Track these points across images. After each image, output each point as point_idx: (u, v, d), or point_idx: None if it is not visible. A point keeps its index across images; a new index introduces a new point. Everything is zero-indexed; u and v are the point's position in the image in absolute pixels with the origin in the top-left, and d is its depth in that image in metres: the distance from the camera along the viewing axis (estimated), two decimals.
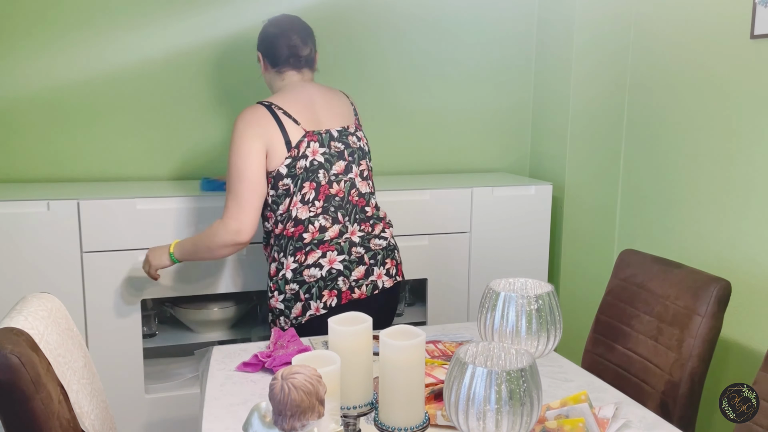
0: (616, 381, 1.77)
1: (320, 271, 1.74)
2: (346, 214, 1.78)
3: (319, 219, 1.74)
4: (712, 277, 1.62)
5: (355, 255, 1.77)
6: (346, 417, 1.13)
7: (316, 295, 1.74)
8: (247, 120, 1.72)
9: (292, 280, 1.74)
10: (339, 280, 1.75)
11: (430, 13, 2.61)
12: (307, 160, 1.73)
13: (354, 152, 1.82)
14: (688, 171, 2.23)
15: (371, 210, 1.84)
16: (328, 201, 1.75)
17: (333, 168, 1.77)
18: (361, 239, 1.79)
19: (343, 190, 1.78)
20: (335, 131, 1.79)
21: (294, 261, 1.74)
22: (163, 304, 2.32)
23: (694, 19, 2.17)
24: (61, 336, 1.30)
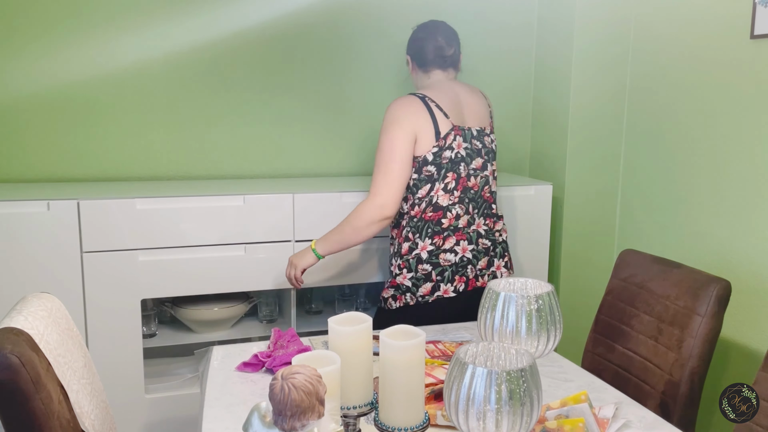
0: (616, 381, 1.77)
1: (455, 257, 1.89)
2: (476, 207, 1.93)
3: (456, 207, 1.89)
4: (712, 277, 1.62)
5: (481, 246, 1.93)
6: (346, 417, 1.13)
7: (449, 279, 1.88)
8: (402, 106, 1.87)
9: (426, 261, 1.88)
10: (468, 267, 1.90)
11: (430, 14, 2.61)
12: (453, 152, 1.87)
13: (489, 152, 1.97)
14: (688, 171, 2.23)
15: (496, 207, 2.00)
16: (465, 192, 1.90)
17: (472, 163, 1.91)
18: (486, 232, 1.95)
19: (478, 184, 1.93)
20: (475, 130, 1.94)
21: (431, 243, 1.88)
22: (163, 304, 2.32)
23: (694, 19, 2.17)
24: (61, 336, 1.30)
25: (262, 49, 2.45)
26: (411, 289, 1.89)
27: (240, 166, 2.50)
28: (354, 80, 2.57)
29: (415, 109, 1.86)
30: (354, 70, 2.56)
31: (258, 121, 2.49)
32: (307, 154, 2.57)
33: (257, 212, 2.13)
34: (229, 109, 2.45)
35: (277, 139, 2.52)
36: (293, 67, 2.49)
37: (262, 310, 2.40)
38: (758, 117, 1.95)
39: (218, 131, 2.46)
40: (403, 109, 1.86)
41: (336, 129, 2.58)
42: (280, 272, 2.18)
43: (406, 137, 1.84)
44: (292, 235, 2.18)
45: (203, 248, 2.10)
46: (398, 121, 1.85)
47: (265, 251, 2.16)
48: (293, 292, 2.24)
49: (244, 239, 2.14)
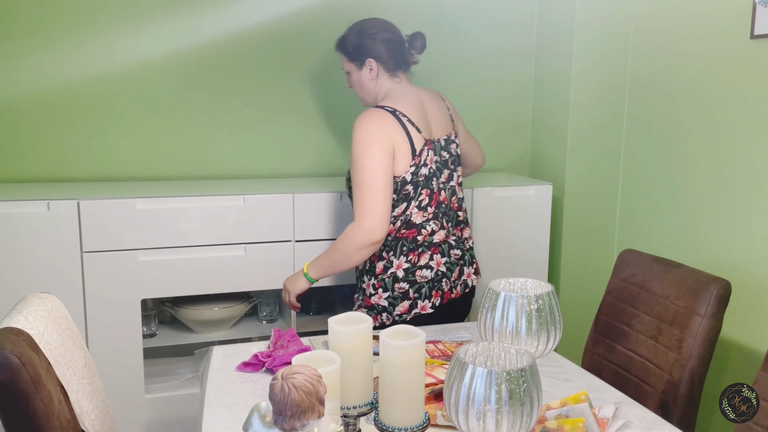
0: (616, 381, 1.77)
1: (430, 272, 1.82)
2: (449, 220, 1.88)
3: (430, 224, 1.83)
4: (712, 277, 1.62)
5: (453, 257, 1.87)
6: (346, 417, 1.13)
7: (425, 295, 1.82)
8: (376, 121, 1.74)
9: (402, 279, 1.81)
10: (443, 281, 1.84)
11: (430, 14, 2.61)
12: (427, 168, 1.81)
13: (454, 160, 1.91)
14: (688, 171, 2.23)
15: (463, 214, 1.95)
16: (438, 207, 1.85)
17: (441, 176, 1.85)
18: (456, 242, 1.89)
19: (447, 197, 1.87)
20: (443, 140, 1.88)
21: (406, 261, 1.81)
22: (163, 304, 2.32)
23: (694, 19, 2.17)
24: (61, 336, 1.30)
25: (262, 49, 2.45)
26: (387, 308, 1.81)
27: (240, 166, 2.50)
28: None
29: (389, 124, 1.74)
30: None
31: (258, 121, 2.49)
32: (307, 154, 2.57)
33: (257, 212, 2.13)
34: (229, 109, 2.45)
35: (277, 139, 2.52)
36: (293, 67, 2.49)
37: (262, 310, 2.40)
38: (758, 117, 1.95)
39: (218, 131, 2.46)
40: (377, 123, 1.74)
41: (336, 129, 2.58)
42: (280, 272, 2.18)
43: (386, 154, 1.72)
44: (292, 235, 2.18)
45: (203, 248, 2.10)
46: (375, 138, 1.72)
47: (265, 251, 2.16)
48: None
49: (244, 239, 2.14)
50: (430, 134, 1.84)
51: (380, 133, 1.73)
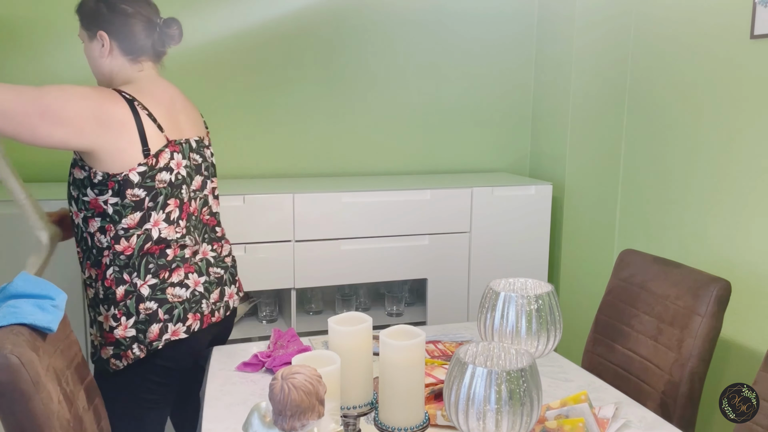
0: (616, 381, 1.77)
1: (186, 291, 1.51)
2: (199, 234, 1.59)
3: (185, 239, 1.52)
4: (712, 277, 1.62)
5: (214, 276, 1.59)
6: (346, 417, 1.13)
7: (178, 317, 1.49)
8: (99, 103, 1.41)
9: (149, 297, 1.47)
10: (202, 303, 1.54)
11: (430, 13, 2.61)
12: (172, 174, 1.48)
13: (208, 167, 1.63)
14: (688, 171, 2.23)
15: (221, 231, 1.69)
16: (190, 220, 1.55)
17: (192, 184, 1.55)
18: (215, 259, 1.62)
19: (197, 207, 1.58)
20: (194, 141, 1.57)
21: (153, 277, 1.47)
22: None
23: (694, 19, 2.17)
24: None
25: (262, 49, 2.45)
26: (137, 337, 1.46)
27: (240, 166, 2.50)
28: (354, 80, 2.57)
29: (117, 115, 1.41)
30: (354, 70, 2.56)
31: (258, 121, 2.49)
32: (307, 154, 2.57)
33: (257, 212, 2.13)
34: (228, 109, 2.45)
35: (277, 139, 2.52)
36: (293, 67, 2.49)
37: (262, 310, 2.40)
38: (758, 117, 1.95)
39: (218, 131, 2.46)
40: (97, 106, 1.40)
41: (336, 129, 2.58)
42: (280, 272, 2.18)
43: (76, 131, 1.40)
44: (292, 235, 2.18)
45: None
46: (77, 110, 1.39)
47: (265, 251, 2.16)
48: (293, 292, 2.24)
49: (244, 239, 2.13)
50: (178, 134, 1.52)
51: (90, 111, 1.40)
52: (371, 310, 2.52)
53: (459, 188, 2.35)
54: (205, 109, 2.42)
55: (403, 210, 2.28)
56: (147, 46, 1.54)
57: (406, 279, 2.37)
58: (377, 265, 2.28)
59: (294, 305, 2.26)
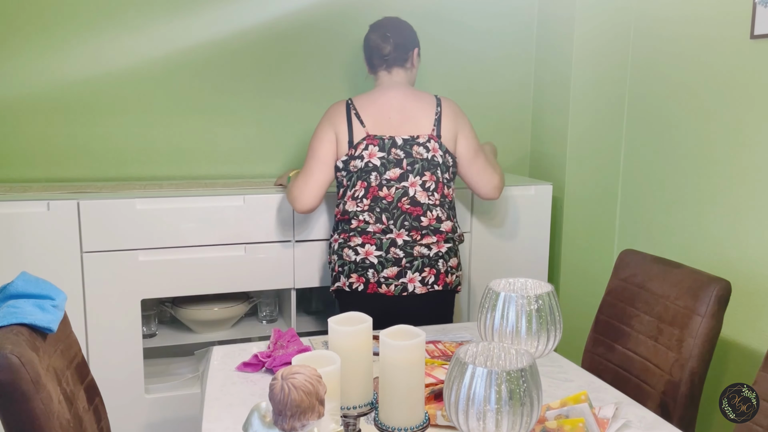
0: (616, 381, 1.77)
1: (356, 256, 1.89)
2: (391, 218, 1.88)
3: (364, 215, 1.88)
4: (712, 277, 1.62)
5: (392, 255, 1.88)
6: (346, 417, 1.13)
7: (346, 274, 1.91)
8: (328, 114, 1.95)
9: (335, 252, 1.95)
10: (369, 271, 1.89)
11: (429, 13, 2.61)
12: (363, 161, 1.88)
13: (416, 162, 1.89)
14: (688, 171, 2.23)
15: (428, 221, 1.90)
16: (375, 202, 1.88)
17: (386, 173, 1.88)
18: (405, 243, 1.89)
19: (393, 195, 1.88)
20: (400, 139, 1.90)
21: (340, 237, 1.93)
22: (163, 304, 2.32)
23: (694, 19, 2.17)
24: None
25: (262, 49, 2.45)
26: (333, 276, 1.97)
27: (240, 166, 2.50)
28: (354, 80, 2.57)
29: (337, 116, 1.92)
30: (354, 70, 2.56)
31: (258, 121, 2.49)
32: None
33: (257, 212, 2.13)
34: (229, 109, 2.45)
35: (277, 139, 2.52)
36: (293, 67, 2.49)
37: (262, 310, 2.40)
38: (758, 117, 1.95)
39: (218, 131, 2.46)
40: (328, 114, 1.94)
41: None
42: (280, 272, 2.18)
43: (328, 141, 1.91)
44: (292, 235, 2.18)
45: (203, 248, 2.10)
46: (322, 125, 1.94)
47: (265, 251, 2.16)
48: (293, 292, 2.24)
49: (244, 239, 2.14)
50: (384, 130, 1.90)
51: (325, 122, 1.93)
52: None
53: (459, 188, 2.35)
54: (205, 109, 2.43)
55: None
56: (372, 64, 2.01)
57: None
58: None
59: (294, 305, 2.26)
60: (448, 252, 1.93)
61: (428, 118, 1.93)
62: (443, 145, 1.92)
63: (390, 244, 1.88)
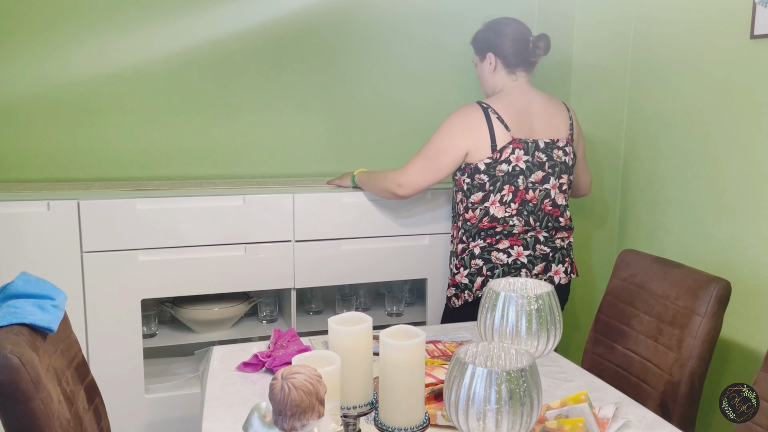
0: (616, 381, 1.77)
1: (507, 258, 1.91)
2: (537, 220, 1.94)
3: (513, 219, 1.91)
4: (712, 277, 1.62)
5: (539, 252, 1.94)
6: (346, 417, 1.13)
7: (499, 276, 1.91)
8: (462, 116, 1.91)
9: (479, 256, 1.92)
10: (522, 271, 1.92)
11: (429, 13, 2.61)
12: (510, 165, 1.89)
13: (556, 165, 1.95)
14: (688, 171, 2.23)
15: (564, 221, 1.99)
16: (523, 205, 1.92)
17: (531, 176, 1.91)
18: (545, 239, 1.95)
19: (537, 198, 1.93)
20: (542, 142, 1.93)
21: (483, 242, 1.92)
22: (163, 304, 2.32)
23: (694, 19, 2.17)
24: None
25: (263, 49, 2.45)
26: (468, 286, 1.94)
27: (240, 166, 2.50)
28: (353, 80, 2.57)
29: (474, 120, 1.89)
30: (354, 70, 2.56)
31: (258, 121, 2.49)
32: (308, 154, 2.57)
33: (257, 212, 2.13)
34: (229, 109, 2.45)
35: (277, 139, 2.52)
36: (293, 67, 2.49)
37: (262, 310, 2.40)
38: (758, 117, 1.95)
39: (218, 131, 2.46)
40: (462, 119, 1.90)
41: (336, 129, 2.58)
42: (280, 272, 2.18)
43: (456, 146, 1.89)
44: (292, 235, 2.18)
45: (203, 248, 2.10)
46: (453, 129, 1.90)
47: (265, 251, 2.16)
48: (293, 292, 2.24)
49: (244, 239, 2.14)
50: (526, 134, 1.91)
51: (459, 126, 1.90)
52: (371, 310, 2.52)
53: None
54: (205, 109, 2.43)
55: (404, 210, 2.28)
56: (522, 60, 1.97)
57: (406, 279, 2.36)
58: (377, 265, 2.28)
59: (294, 305, 2.26)
60: (570, 244, 2.03)
61: (564, 122, 1.99)
62: (573, 149, 2.01)
63: (535, 242, 1.93)
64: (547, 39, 1.97)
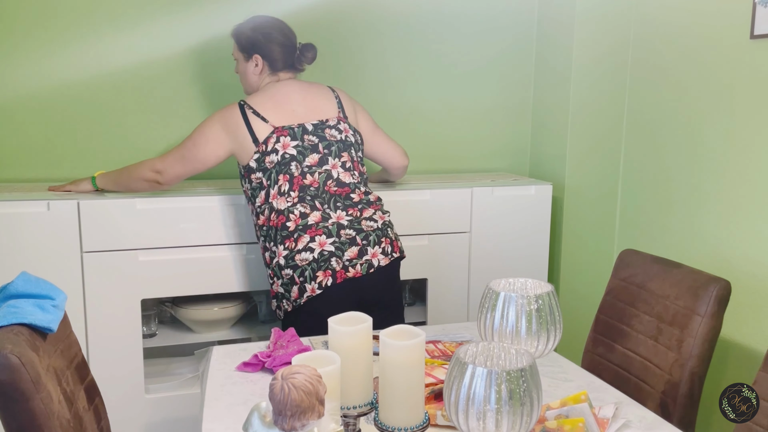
0: (616, 381, 1.77)
1: (311, 254, 1.81)
2: (324, 202, 1.85)
3: (297, 207, 1.83)
4: (712, 277, 1.62)
5: (345, 237, 1.84)
6: (346, 417, 1.13)
7: (310, 277, 1.81)
8: (219, 117, 1.89)
9: (285, 265, 1.82)
10: (332, 260, 1.81)
11: (429, 12, 2.61)
12: (278, 155, 1.84)
13: (331, 144, 1.89)
14: (688, 171, 2.23)
15: (358, 196, 1.90)
16: (303, 191, 1.84)
17: (306, 161, 1.85)
18: (350, 222, 1.85)
19: (318, 180, 1.86)
20: (310, 125, 1.89)
21: (284, 248, 1.82)
22: (163, 304, 2.32)
23: (694, 19, 2.17)
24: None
25: None
26: (285, 295, 1.85)
27: None
28: (354, 81, 2.57)
29: (232, 120, 1.87)
30: (354, 70, 2.56)
31: None
32: None
33: None
34: None
35: None
36: None
37: (262, 310, 2.40)
38: (758, 117, 1.95)
39: None
40: (219, 120, 1.89)
41: None
42: None
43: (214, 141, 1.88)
44: None
45: (203, 248, 2.10)
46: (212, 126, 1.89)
47: None
48: None
49: (244, 239, 2.14)
50: (287, 121, 1.87)
51: (217, 124, 1.89)
52: None
53: (459, 188, 2.35)
54: (205, 109, 2.43)
55: (403, 210, 2.28)
56: (289, 65, 1.98)
57: (406, 279, 2.37)
58: None
59: None
60: (390, 221, 1.95)
61: (330, 102, 1.96)
62: (351, 125, 1.96)
63: (338, 228, 1.83)
64: (314, 50, 2.00)
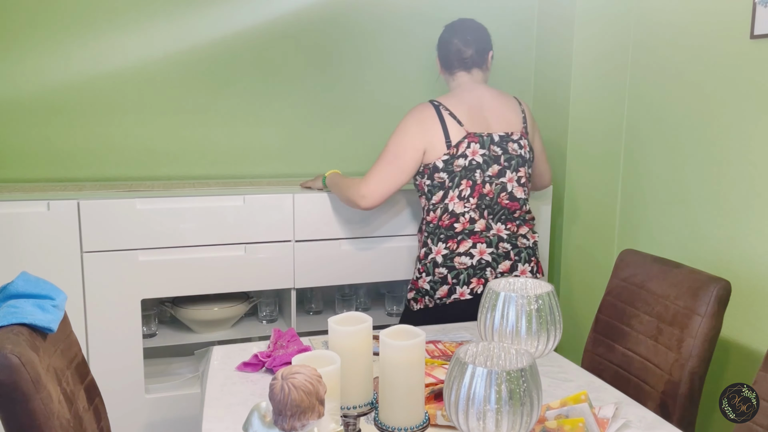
0: (616, 381, 1.77)
1: (471, 260, 1.89)
2: (492, 213, 1.94)
3: (470, 213, 1.91)
4: (712, 277, 1.62)
5: (502, 249, 1.93)
6: (346, 417, 1.13)
7: (464, 281, 1.89)
8: (415, 116, 1.93)
9: (441, 264, 1.91)
10: (487, 270, 1.90)
11: (429, 11, 2.61)
12: (467, 160, 1.90)
13: (512, 158, 1.96)
14: (688, 170, 2.23)
15: (520, 212, 1.99)
16: (481, 199, 1.92)
17: (488, 170, 1.92)
18: (508, 237, 1.95)
19: (494, 191, 1.93)
20: (497, 136, 1.94)
21: (445, 248, 1.91)
22: (163, 304, 2.32)
23: (694, 19, 2.17)
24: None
25: (263, 49, 2.45)
26: (429, 292, 1.93)
27: (240, 166, 2.50)
28: (353, 81, 2.57)
29: (427, 117, 1.90)
30: (353, 70, 2.56)
31: (258, 121, 2.49)
32: (308, 154, 2.57)
33: (257, 212, 2.13)
34: (229, 109, 2.45)
35: (277, 140, 2.52)
36: (294, 67, 2.49)
37: (262, 310, 2.40)
38: (758, 117, 1.95)
39: (218, 131, 2.46)
40: (415, 118, 1.91)
41: (335, 130, 2.58)
42: (280, 272, 2.18)
43: (412, 146, 1.89)
44: (292, 235, 2.18)
45: (203, 248, 2.10)
46: (407, 130, 1.91)
47: (265, 251, 2.16)
48: (293, 292, 2.24)
49: (244, 239, 2.14)
50: (481, 128, 1.92)
51: (413, 126, 1.91)
52: (371, 310, 2.52)
53: None
54: (205, 109, 2.43)
55: (403, 210, 2.28)
56: (450, 62, 2.03)
57: (406, 279, 2.36)
58: (377, 265, 2.28)
59: (294, 305, 2.26)
60: (536, 243, 2.03)
61: (516, 116, 2.01)
62: (529, 142, 2.02)
63: (498, 240, 1.92)
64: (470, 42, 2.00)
